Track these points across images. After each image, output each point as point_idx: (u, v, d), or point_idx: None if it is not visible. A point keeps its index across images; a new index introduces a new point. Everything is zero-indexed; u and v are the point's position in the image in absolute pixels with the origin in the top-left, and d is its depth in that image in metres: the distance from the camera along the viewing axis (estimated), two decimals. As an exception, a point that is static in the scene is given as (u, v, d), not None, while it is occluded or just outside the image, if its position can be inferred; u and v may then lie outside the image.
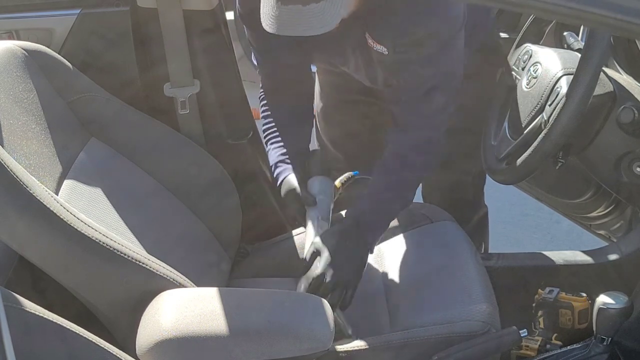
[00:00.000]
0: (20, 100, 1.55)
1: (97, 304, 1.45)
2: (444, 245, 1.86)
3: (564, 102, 1.60)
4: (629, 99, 1.68)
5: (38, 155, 1.51)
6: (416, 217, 1.94)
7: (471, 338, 1.56)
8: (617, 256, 1.93)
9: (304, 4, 1.45)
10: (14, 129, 1.48)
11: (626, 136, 1.68)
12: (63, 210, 1.33)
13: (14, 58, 1.58)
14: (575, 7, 0.97)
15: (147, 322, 1.38)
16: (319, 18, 1.48)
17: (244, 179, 2.02)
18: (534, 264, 2.02)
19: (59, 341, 1.26)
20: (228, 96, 2.00)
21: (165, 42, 1.87)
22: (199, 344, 1.35)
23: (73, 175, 1.59)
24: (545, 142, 1.64)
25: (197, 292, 1.50)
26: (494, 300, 1.67)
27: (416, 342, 1.59)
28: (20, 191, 1.29)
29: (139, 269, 1.42)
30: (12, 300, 1.22)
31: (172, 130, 1.89)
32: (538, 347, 1.72)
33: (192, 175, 1.86)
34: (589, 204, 2.03)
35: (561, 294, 1.79)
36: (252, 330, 1.39)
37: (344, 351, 1.58)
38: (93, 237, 1.36)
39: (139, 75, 1.89)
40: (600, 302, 1.63)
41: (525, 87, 1.83)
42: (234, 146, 2.03)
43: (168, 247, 1.64)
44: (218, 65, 1.96)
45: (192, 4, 1.85)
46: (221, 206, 1.91)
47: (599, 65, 1.56)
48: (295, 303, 1.49)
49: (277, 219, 2.12)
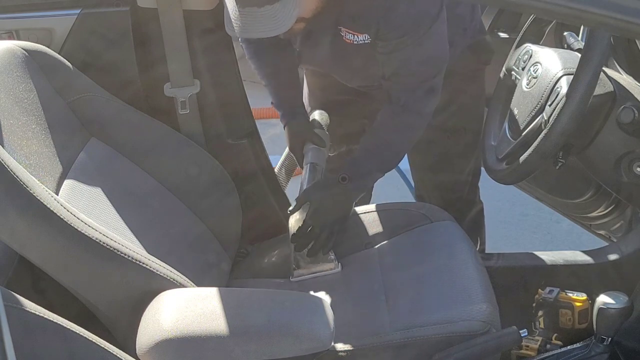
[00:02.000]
0: (21, 100, 1.55)
1: (97, 304, 1.45)
2: (444, 245, 1.86)
3: (564, 102, 1.60)
4: (629, 99, 1.68)
5: (38, 155, 1.51)
6: (416, 217, 1.94)
7: (471, 338, 1.56)
8: (617, 256, 1.93)
9: (259, 6, 1.52)
10: (14, 129, 1.48)
11: (626, 136, 1.68)
12: (63, 210, 1.33)
13: (14, 58, 1.58)
14: (575, 7, 0.97)
15: (147, 322, 1.38)
16: (272, 20, 1.54)
17: (244, 179, 2.02)
18: (534, 264, 2.02)
19: (59, 341, 1.26)
20: (228, 96, 2.00)
21: (165, 42, 1.87)
22: (199, 343, 1.35)
23: (73, 175, 1.59)
24: (545, 142, 1.64)
25: (197, 292, 1.50)
26: (494, 300, 1.67)
27: (416, 342, 1.59)
28: (20, 191, 1.29)
29: (139, 269, 1.42)
30: (13, 300, 1.22)
31: (172, 130, 1.89)
32: (538, 347, 1.73)
33: (192, 175, 1.86)
34: (589, 204, 2.03)
35: (561, 294, 1.79)
36: (252, 330, 1.39)
37: (344, 351, 1.59)
38: (93, 237, 1.36)
39: (139, 75, 1.89)
40: (600, 302, 1.63)
41: (525, 87, 1.83)
42: (234, 146, 2.03)
43: (168, 247, 1.64)
44: (218, 65, 1.96)
45: (192, 4, 1.85)
46: (221, 206, 1.91)
47: (599, 65, 1.56)
48: (295, 303, 1.49)
49: (277, 219, 2.12)
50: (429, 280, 1.76)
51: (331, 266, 1.86)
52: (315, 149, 2.02)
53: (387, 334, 1.62)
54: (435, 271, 1.78)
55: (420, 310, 1.67)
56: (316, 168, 1.98)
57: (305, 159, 2.01)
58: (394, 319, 1.66)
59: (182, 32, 1.86)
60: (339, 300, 1.76)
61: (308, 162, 1.99)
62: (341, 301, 1.75)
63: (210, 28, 1.91)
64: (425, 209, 1.97)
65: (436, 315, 1.63)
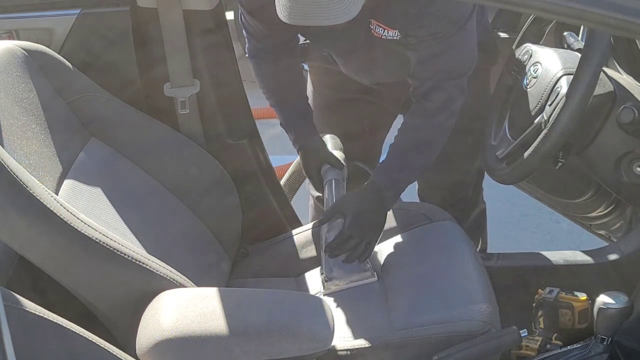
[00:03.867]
0: (20, 100, 1.55)
1: (97, 304, 1.45)
2: (444, 245, 1.86)
3: (564, 102, 1.60)
4: (629, 99, 1.68)
5: (38, 155, 1.51)
6: (416, 217, 1.94)
7: (471, 338, 1.56)
8: (617, 256, 1.93)
9: None
10: (14, 129, 1.48)
11: (626, 136, 1.68)
12: (63, 210, 1.33)
13: (14, 58, 1.58)
14: (575, 7, 0.97)
15: (147, 322, 1.38)
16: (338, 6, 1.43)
17: (244, 179, 2.02)
18: (534, 264, 2.01)
19: (59, 341, 1.27)
20: (228, 96, 2.00)
21: (165, 42, 1.87)
22: (199, 343, 1.35)
23: (73, 175, 1.59)
24: (545, 142, 1.64)
25: (197, 292, 1.50)
26: (494, 300, 1.67)
27: (416, 342, 1.59)
28: (20, 191, 1.29)
29: (139, 269, 1.42)
30: (12, 300, 1.22)
31: (172, 130, 1.89)
32: (538, 347, 1.73)
33: (192, 175, 1.86)
34: (589, 204, 2.03)
35: (561, 294, 1.79)
36: (252, 330, 1.39)
37: (343, 351, 1.58)
38: (93, 237, 1.36)
39: (139, 75, 1.89)
40: (600, 302, 1.63)
41: (525, 87, 1.83)
42: (234, 146, 2.03)
43: (168, 247, 1.64)
44: (218, 65, 1.96)
45: (192, 4, 1.85)
46: (221, 206, 1.91)
47: (599, 65, 1.57)
48: (295, 303, 1.49)
49: (277, 219, 2.12)
50: (429, 280, 1.76)
51: (368, 274, 1.79)
52: (333, 170, 1.96)
53: (387, 334, 1.62)
54: (435, 271, 1.78)
55: (420, 310, 1.67)
56: (339, 183, 1.93)
57: (325, 179, 1.95)
58: (394, 319, 1.66)
59: (182, 32, 1.86)
60: (339, 300, 1.76)
61: (329, 178, 1.94)
62: (341, 301, 1.75)
63: (210, 28, 1.91)
64: (425, 209, 1.97)
65: (436, 315, 1.63)
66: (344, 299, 1.76)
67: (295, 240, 1.97)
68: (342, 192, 1.91)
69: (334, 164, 1.96)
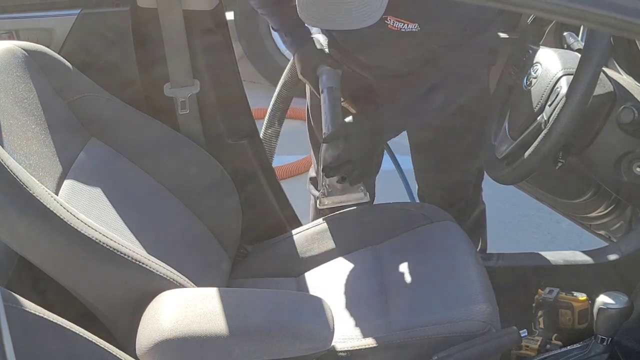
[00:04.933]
0: (20, 100, 1.55)
1: (97, 304, 1.45)
2: (444, 245, 1.86)
3: (564, 102, 1.60)
4: (629, 99, 1.68)
5: (38, 155, 1.51)
6: (416, 217, 1.94)
7: (471, 338, 1.56)
8: (617, 256, 1.93)
9: None
10: (14, 129, 1.48)
11: (626, 136, 1.68)
12: (63, 210, 1.33)
13: (14, 58, 1.58)
14: (575, 7, 0.97)
15: (147, 322, 1.38)
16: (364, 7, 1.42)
17: (244, 179, 2.02)
18: (534, 264, 2.01)
19: (59, 341, 1.27)
20: (228, 96, 2.00)
21: (165, 42, 1.87)
22: (199, 344, 1.35)
23: (73, 175, 1.59)
24: (545, 142, 1.64)
25: (197, 292, 1.50)
26: (494, 300, 1.67)
27: (416, 342, 1.59)
28: (20, 191, 1.29)
29: (139, 269, 1.42)
30: (12, 300, 1.22)
31: (172, 130, 1.89)
32: (538, 347, 1.72)
33: (192, 175, 1.86)
34: (589, 204, 2.03)
35: (561, 294, 1.79)
36: (252, 330, 1.39)
37: (343, 351, 1.59)
38: (93, 237, 1.36)
39: (139, 75, 1.89)
40: (600, 302, 1.63)
41: (525, 87, 1.83)
42: (234, 146, 2.03)
43: (168, 247, 1.65)
44: (218, 65, 1.96)
45: (192, 4, 1.85)
46: (221, 206, 1.91)
47: (599, 65, 1.56)
48: (295, 303, 1.49)
49: (277, 219, 2.12)
50: (429, 280, 1.76)
51: (360, 196, 1.89)
52: (329, 71, 1.97)
53: (387, 334, 1.62)
54: (435, 271, 1.78)
55: (420, 310, 1.67)
56: (334, 92, 1.95)
57: (321, 84, 1.97)
58: (394, 319, 1.66)
59: (182, 32, 1.86)
60: (339, 300, 1.76)
61: (324, 86, 1.96)
62: (341, 301, 1.75)
63: (210, 28, 1.91)
64: (425, 209, 1.97)
65: (436, 315, 1.63)
66: (344, 299, 1.76)
67: (295, 240, 1.97)
68: (338, 102, 1.95)
69: (331, 64, 1.98)
